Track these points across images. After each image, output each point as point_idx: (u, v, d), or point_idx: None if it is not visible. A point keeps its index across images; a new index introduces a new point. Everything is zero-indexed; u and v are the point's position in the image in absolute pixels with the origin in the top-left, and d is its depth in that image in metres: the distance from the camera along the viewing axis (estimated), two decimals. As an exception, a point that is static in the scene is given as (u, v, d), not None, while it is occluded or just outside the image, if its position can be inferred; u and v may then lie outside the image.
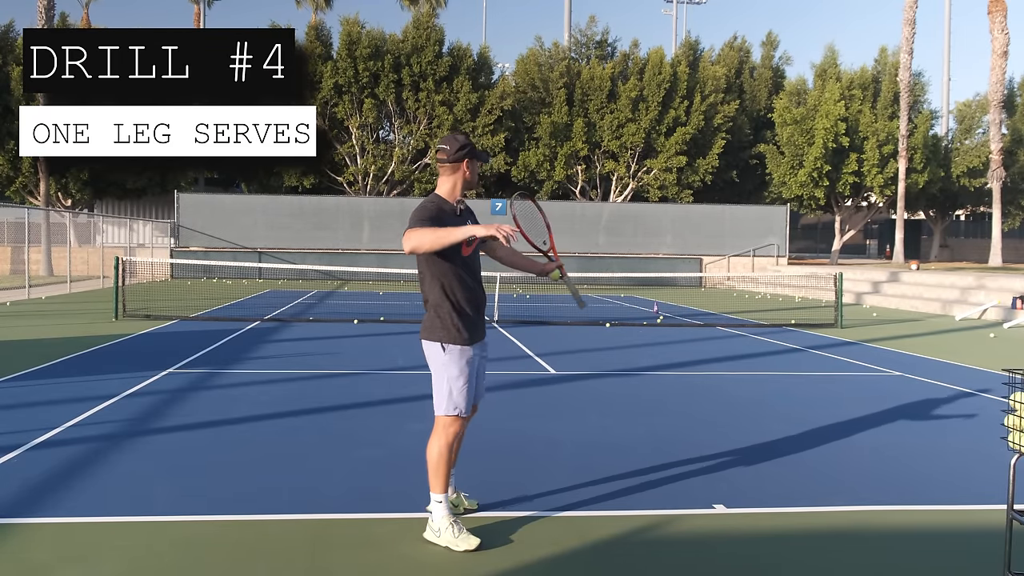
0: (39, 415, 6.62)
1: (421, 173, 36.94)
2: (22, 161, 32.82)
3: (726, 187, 40.70)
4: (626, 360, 10.64)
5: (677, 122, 37.22)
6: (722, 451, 5.89)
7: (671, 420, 7.04)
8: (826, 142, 35.03)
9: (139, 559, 3.76)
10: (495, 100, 35.97)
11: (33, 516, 4.28)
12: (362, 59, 35.27)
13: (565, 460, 5.59)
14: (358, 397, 7.73)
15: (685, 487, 5.00)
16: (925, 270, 26.41)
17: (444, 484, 3.99)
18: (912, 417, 7.26)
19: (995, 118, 34.55)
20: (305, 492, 4.76)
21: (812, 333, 14.51)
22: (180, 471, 5.17)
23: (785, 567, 3.83)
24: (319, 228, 32.35)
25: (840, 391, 8.64)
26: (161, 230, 33.39)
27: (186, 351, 10.45)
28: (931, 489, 5.12)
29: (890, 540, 4.19)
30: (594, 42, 39.44)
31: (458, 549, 3.87)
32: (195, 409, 7.07)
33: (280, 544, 3.97)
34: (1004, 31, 34.27)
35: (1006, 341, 13.88)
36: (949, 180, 38.66)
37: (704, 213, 34.46)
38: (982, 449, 6.09)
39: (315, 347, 11.38)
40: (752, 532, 4.28)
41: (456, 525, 3.94)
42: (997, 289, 19.33)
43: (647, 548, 4.01)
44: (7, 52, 33.48)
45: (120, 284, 14.73)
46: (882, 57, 39.44)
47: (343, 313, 16.71)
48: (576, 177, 38.08)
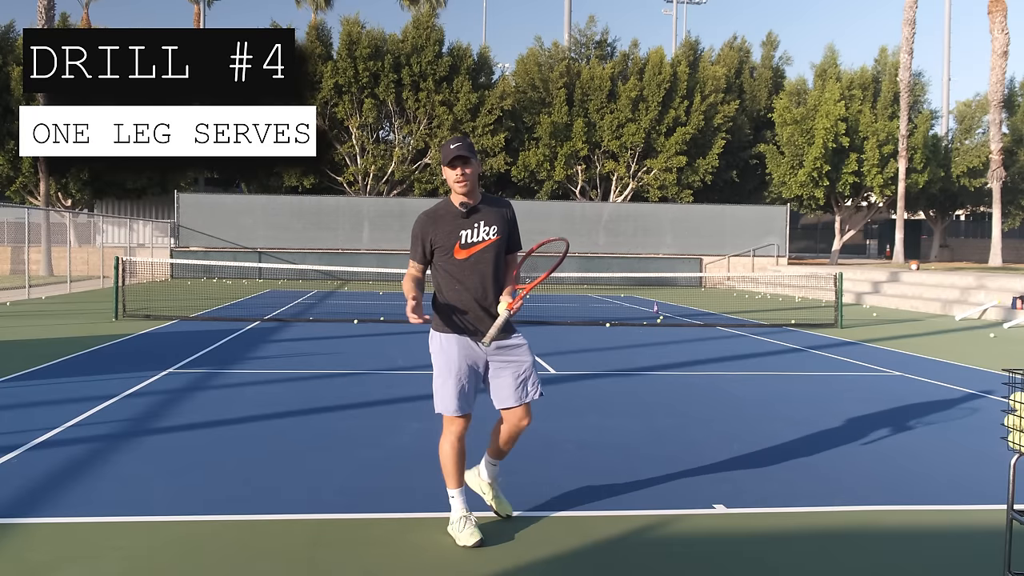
0: (39, 415, 6.62)
1: (421, 173, 36.95)
2: (22, 161, 32.82)
3: (726, 187, 40.71)
4: (626, 360, 10.64)
5: (677, 122, 37.22)
6: (722, 451, 5.88)
7: (671, 420, 7.03)
8: (826, 142, 35.03)
9: (139, 559, 3.76)
10: (495, 100, 35.97)
11: (33, 516, 4.28)
12: (362, 59, 35.27)
13: (565, 460, 5.59)
14: (358, 397, 7.73)
15: (685, 487, 4.99)
16: (925, 270, 26.40)
17: (454, 480, 4.03)
18: (912, 417, 7.25)
19: (995, 118, 34.55)
20: (304, 492, 4.76)
21: (812, 333, 14.51)
22: (180, 471, 5.17)
23: (785, 567, 3.83)
24: (319, 228, 32.36)
25: (840, 391, 8.64)
26: (161, 230, 33.38)
27: (186, 351, 10.45)
28: (931, 489, 5.12)
29: (890, 540, 4.18)
30: (594, 42, 39.44)
31: (459, 543, 3.92)
32: (195, 409, 7.06)
33: (280, 544, 3.97)
34: (1004, 31, 34.27)
35: (1006, 341, 13.88)
36: (949, 180, 38.66)
37: (704, 213, 34.46)
38: (982, 449, 6.08)
39: (315, 347, 11.38)
40: (752, 532, 4.28)
41: (466, 519, 3.96)
42: (997, 289, 19.33)
43: (647, 548, 4.01)
44: (7, 52, 33.48)
45: (120, 284, 14.72)
46: (882, 57, 39.45)
47: (343, 313, 16.71)
48: (576, 177, 38.08)
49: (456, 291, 3.98)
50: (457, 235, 3.97)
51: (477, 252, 3.98)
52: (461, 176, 3.91)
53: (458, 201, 3.99)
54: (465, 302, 3.97)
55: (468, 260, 3.97)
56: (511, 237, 4.12)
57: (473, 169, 3.94)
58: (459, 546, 3.92)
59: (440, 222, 4.00)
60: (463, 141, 3.94)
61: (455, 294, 3.98)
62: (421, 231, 4.02)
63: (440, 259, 4.01)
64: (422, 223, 4.04)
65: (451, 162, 3.89)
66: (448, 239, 3.98)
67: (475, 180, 3.99)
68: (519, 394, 4.04)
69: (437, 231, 3.99)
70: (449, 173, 3.92)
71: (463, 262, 3.97)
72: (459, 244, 3.96)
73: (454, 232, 3.98)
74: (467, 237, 3.98)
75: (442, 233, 3.98)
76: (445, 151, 3.91)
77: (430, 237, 4.00)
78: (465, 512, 4.00)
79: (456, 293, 3.98)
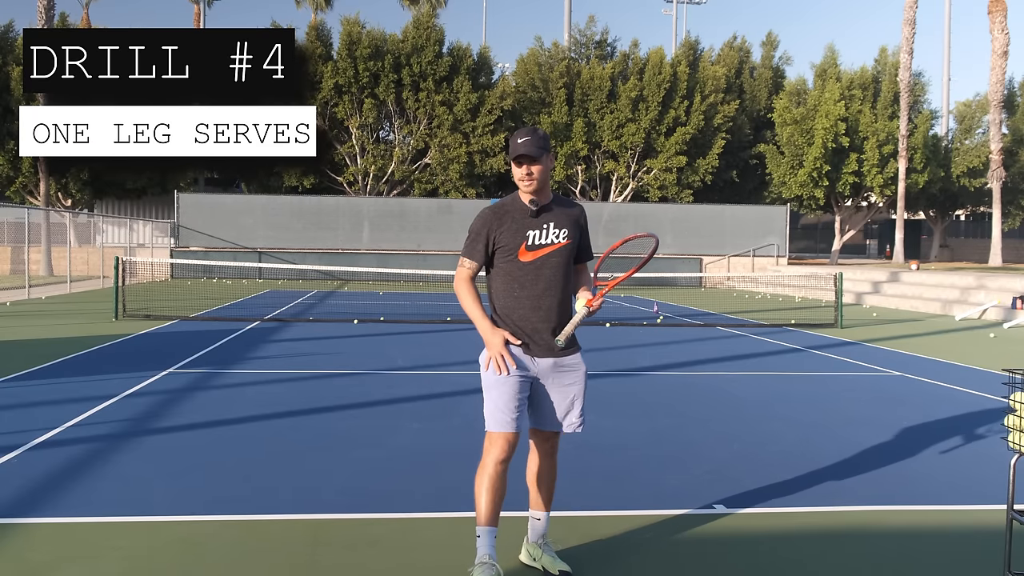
0: (39, 415, 6.62)
1: (421, 173, 36.95)
2: (22, 161, 32.82)
3: (726, 187, 40.71)
4: (626, 360, 10.64)
5: (677, 122, 37.23)
6: (722, 451, 5.89)
7: (671, 420, 7.03)
8: (826, 142, 35.03)
9: (139, 559, 3.76)
10: (495, 100, 35.97)
11: (33, 516, 4.28)
12: (362, 59, 35.27)
13: (565, 460, 5.57)
14: (358, 397, 7.73)
15: (685, 487, 4.99)
16: (925, 270, 26.40)
17: (484, 515, 3.48)
18: (912, 417, 7.25)
19: (995, 118, 34.55)
20: (304, 492, 4.76)
21: (812, 333, 14.51)
22: (180, 471, 5.17)
23: (785, 567, 3.83)
24: (319, 228, 32.36)
25: (840, 391, 8.64)
26: (161, 230, 33.38)
27: (186, 351, 10.45)
28: (931, 489, 5.12)
29: (890, 540, 4.18)
30: (594, 42, 39.45)
31: None
32: (195, 409, 7.06)
33: (279, 544, 3.97)
34: (1004, 31, 34.27)
35: (1006, 341, 13.88)
36: (949, 180, 38.66)
37: (704, 213, 34.46)
38: (982, 449, 6.08)
39: (315, 347, 11.38)
40: (752, 532, 4.28)
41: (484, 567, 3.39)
42: (997, 289, 19.33)
43: (647, 548, 4.01)
44: (7, 52, 33.48)
45: (120, 284, 14.72)
46: (882, 57, 39.44)
47: (343, 313, 16.70)
48: (576, 177, 38.08)
49: (516, 297, 3.56)
50: (524, 235, 3.54)
51: (544, 255, 3.55)
52: (526, 175, 3.50)
53: (527, 199, 3.57)
54: (524, 310, 3.55)
55: (533, 263, 3.55)
56: (581, 244, 3.75)
57: (544, 167, 3.51)
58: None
59: (507, 219, 3.55)
60: (532, 135, 3.50)
61: (514, 301, 3.56)
62: (485, 227, 3.55)
63: (502, 260, 3.57)
64: (486, 218, 3.57)
65: (517, 159, 3.49)
66: (514, 238, 3.53)
67: (546, 178, 3.55)
68: (564, 420, 3.67)
69: (503, 229, 3.54)
70: (516, 170, 3.52)
71: (528, 265, 3.54)
72: (525, 245, 3.53)
73: (521, 231, 3.54)
74: (535, 238, 3.54)
75: (508, 231, 3.54)
76: (512, 144, 3.50)
77: (494, 235, 3.55)
78: (486, 559, 3.42)
79: (515, 300, 3.56)
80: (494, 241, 3.57)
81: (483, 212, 3.63)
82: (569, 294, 3.65)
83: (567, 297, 3.63)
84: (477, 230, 3.58)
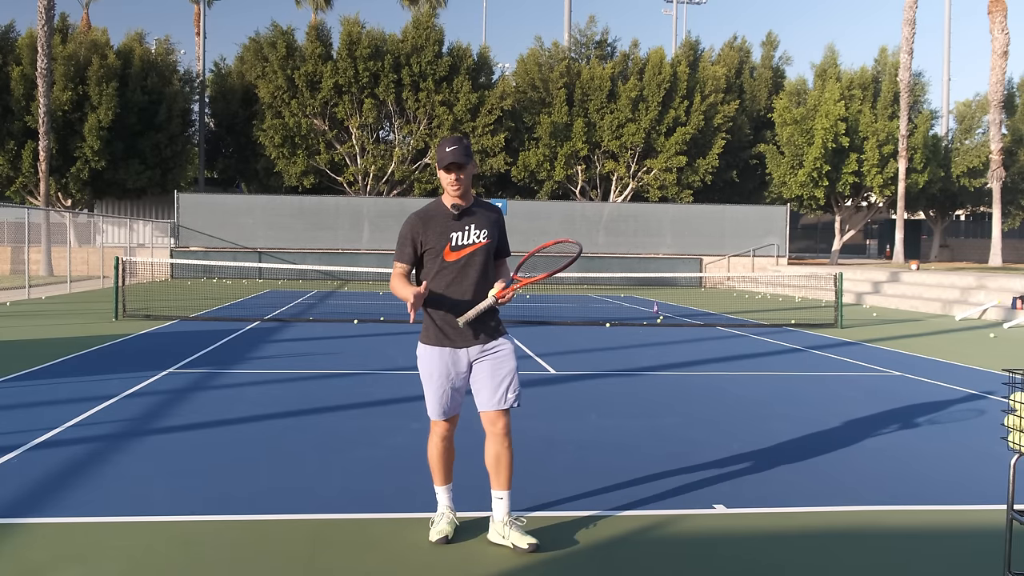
0: (39, 415, 6.62)
1: (421, 173, 36.95)
2: (22, 161, 32.82)
3: (726, 187, 40.72)
4: (626, 360, 10.64)
5: (677, 122, 37.23)
6: (722, 451, 5.89)
7: (671, 420, 7.03)
8: (826, 142, 35.04)
9: (139, 559, 3.76)
10: (495, 100, 35.98)
11: (33, 516, 4.28)
12: (362, 59, 35.27)
13: (565, 460, 5.59)
14: (358, 397, 7.73)
15: (685, 487, 4.99)
16: (925, 270, 26.41)
17: (438, 477, 4.17)
18: (912, 417, 7.25)
19: (995, 118, 34.55)
20: (304, 492, 4.76)
21: (812, 333, 14.51)
22: (180, 471, 5.17)
23: (785, 567, 3.83)
24: (319, 228, 32.37)
25: (840, 391, 8.64)
26: (161, 230, 33.39)
27: (186, 351, 10.45)
28: (931, 489, 5.12)
29: (890, 540, 4.18)
30: (594, 42, 39.45)
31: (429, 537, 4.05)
32: (195, 409, 7.06)
33: (279, 544, 3.97)
34: (1004, 31, 34.28)
35: (1006, 341, 13.88)
36: (949, 180, 38.67)
37: (704, 213, 34.46)
38: (982, 449, 6.08)
39: (315, 347, 11.38)
40: (752, 532, 4.28)
41: (442, 515, 4.10)
42: (997, 289, 19.34)
43: (647, 548, 4.01)
44: (7, 52, 33.48)
45: (120, 284, 14.73)
46: (882, 57, 39.45)
47: (343, 313, 16.71)
48: (576, 177, 38.09)
49: (443, 293, 3.93)
50: (448, 236, 3.91)
51: (467, 254, 3.93)
52: (455, 181, 3.86)
53: (450, 203, 3.93)
54: (452, 305, 3.92)
55: (458, 262, 3.92)
56: (500, 242, 4.10)
57: (468, 172, 3.88)
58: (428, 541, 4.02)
59: (431, 223, 3.93)
60: (459, 144, 3.84)
61: (441, 296, 3.94)
62: (412, 232, 3.95)
63: (429, 260, 3.95)
64: (413, 224, 3.96)
65: (447, 168, 3.84)
66: (439, 240, 3.91)
67: (469, 183, 3.93)
68: (498, 398, 3.99)
69: (428, 232, 3.92)
70: (444, 176, 3.87)
71: (452, 264, 3.92)
72: (450, 246, 3.91)
73: (445, 233, 3.91)
74: (458, 239, 3.92)
75: (433, 234, 3.92)
76: (440, 153, 3.84)
77: (420, 238, 3.93)
78: (444, 508, 4.11)
79: (443, 296, 3.93)
80: (421, 243, 3.94)
81: (410, 218, 4.01)
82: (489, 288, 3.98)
83: (488, 290, 3.97)
84: (405, 235, 3.97)
